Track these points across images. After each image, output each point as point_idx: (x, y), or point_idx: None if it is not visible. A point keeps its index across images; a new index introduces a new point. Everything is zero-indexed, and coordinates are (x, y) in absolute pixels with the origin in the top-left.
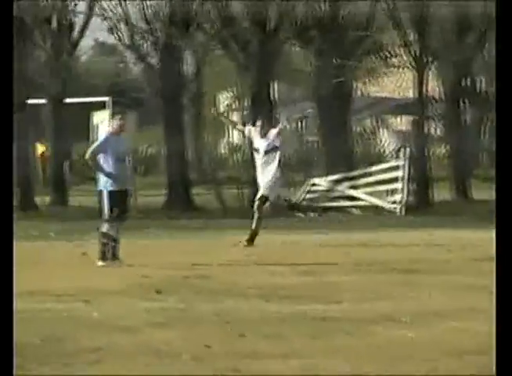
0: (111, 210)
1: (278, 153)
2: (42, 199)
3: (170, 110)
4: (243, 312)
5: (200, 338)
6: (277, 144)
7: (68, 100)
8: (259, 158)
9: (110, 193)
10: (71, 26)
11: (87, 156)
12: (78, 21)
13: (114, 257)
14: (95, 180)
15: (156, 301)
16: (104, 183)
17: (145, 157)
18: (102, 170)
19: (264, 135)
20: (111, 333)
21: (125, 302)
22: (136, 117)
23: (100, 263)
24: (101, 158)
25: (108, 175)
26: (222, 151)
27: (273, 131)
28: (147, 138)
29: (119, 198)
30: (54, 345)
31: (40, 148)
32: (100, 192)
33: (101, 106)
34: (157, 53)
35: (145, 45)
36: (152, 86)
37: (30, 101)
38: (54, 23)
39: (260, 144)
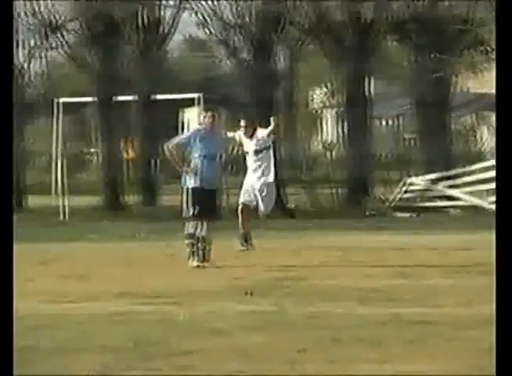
0: (194, 209)
1: (270, 154)
2: (131, 198)
3: (262, 107)
4: (337, 316)
5: (293, 342)
6: (268, 144)
7: (157, 97)
8: (249, 160)
9: (194, 190)
10: (160, 21)
11: (169, 146)
12: (167, 16)
13: (204, 258)
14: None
15: (247, 303)
16: (187, 180)
17: (236, 156)
18: (180, 165)
19: (250, 136)
20: (202, 336)
21: (216, 305)
22: (227, 114)
23: (190, 264)
24: (187, 154)
25: (190, 171)
26: (316, 149)
27: (263, 132)
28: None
29: (204, 197)
30: (145, 348)
31: (129, 146)
32: (184, 189)
33: (191, 102)
34: (249, 48)
35: (236, 40)
36: (243, 82)
37: (118, 98)
38: (143, 19)
39: (248, 146)
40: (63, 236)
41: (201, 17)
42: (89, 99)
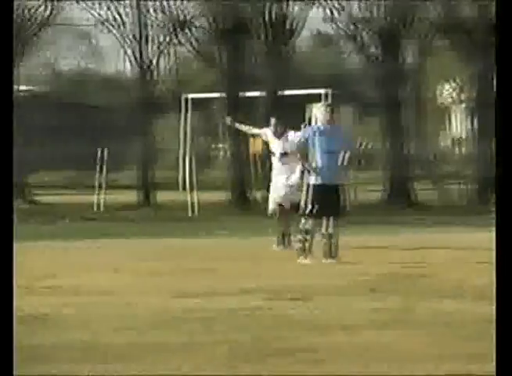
0: (313, 206)
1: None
2: (258, 194)
3: (389, 103)
4: (463, 313)
5: (419, 340)
6: (294, 148)
7: (285, 93)
8: (275, 162)
9: (314, 187)
10: (287, 17)
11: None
12: (295, 12)
13: (332, 255)
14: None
15: (372, 300)
16: (308, 177)
17: (364, 151)
18: (303, 162)
19: (279, 137)
20: (329, 333)
21: (341, 301)
22: (354, 110)
23: (299, 261)
24: (309, 150)
25: (311, 168)
26: (444, 144)
27: (296, 134)
28: (366, 131)
29: (325, 193)
30: (272, 343)
31: (256, 142)
32: (304, 186)
33: (318, 98)
34: (377, 44)
35: (364, 35)
36: (371, 78)
37: (246, 94)
38: (271, 15)
39: (275, 147)
40: (191, 231)
41: (329, 12)
42: (217, 94)
